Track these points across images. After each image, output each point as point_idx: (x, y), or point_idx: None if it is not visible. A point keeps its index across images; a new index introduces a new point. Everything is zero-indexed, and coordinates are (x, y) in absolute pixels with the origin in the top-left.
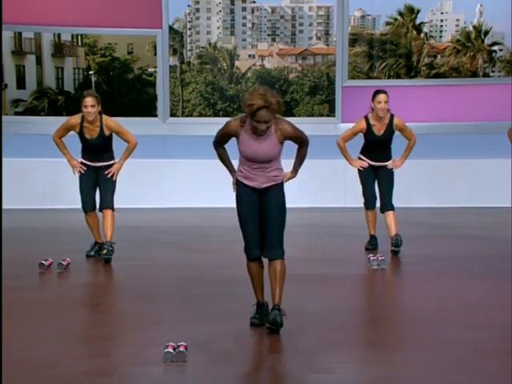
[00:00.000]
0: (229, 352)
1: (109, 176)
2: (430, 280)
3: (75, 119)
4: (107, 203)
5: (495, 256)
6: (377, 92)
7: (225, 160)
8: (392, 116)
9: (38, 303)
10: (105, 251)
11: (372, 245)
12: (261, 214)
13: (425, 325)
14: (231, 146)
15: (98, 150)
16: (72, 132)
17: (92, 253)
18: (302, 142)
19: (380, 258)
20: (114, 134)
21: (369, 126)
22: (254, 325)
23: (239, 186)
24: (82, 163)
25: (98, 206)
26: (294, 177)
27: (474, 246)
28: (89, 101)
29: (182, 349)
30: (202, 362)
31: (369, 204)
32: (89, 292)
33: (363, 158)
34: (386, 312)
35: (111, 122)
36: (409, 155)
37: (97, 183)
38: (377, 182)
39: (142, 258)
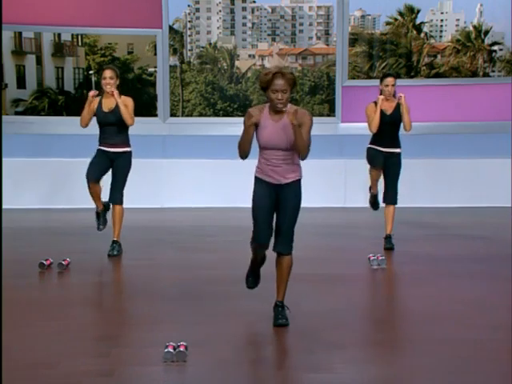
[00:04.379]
0: (229, 352)
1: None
2: (430, 280)
3: (95, 100)
4: (117, 199)
5: (495, 256)
6: (385, 75)
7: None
8: (398, 103)
9: (38, 303)
10: (113, 251)
11: (373, 201)
12: (276, 209)
13: (425, 325)
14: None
15: (114, 127)
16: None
17: (101, 227)
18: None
19: (380, 258)
20: None
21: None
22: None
23: (256, 182)
24: (98, 150)
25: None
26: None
27: (474, 245)
28: (108, 72)
29: (182, 349)
30: (202, 362)
31: (373, 162)
32: (89, 292)
33: (373, 146)
34: (386, 312)
35: (127, 98)
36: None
37: (107, 168)
38: (383, 172)
39: (141, 257)
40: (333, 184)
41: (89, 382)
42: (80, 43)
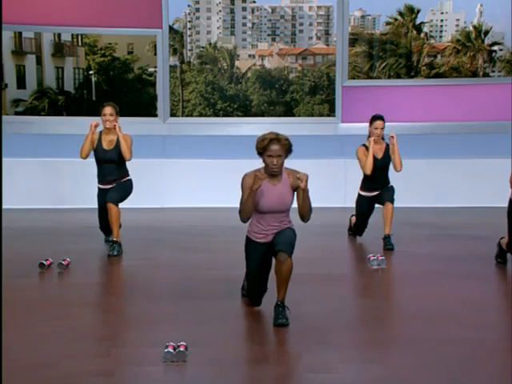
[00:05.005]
0: (229, 352)
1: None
2: (430, 280)
3: (95, 134)
4: (113, 199)
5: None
6: (374, 118)
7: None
8: (387, 144)
9: (38, 303)
10: (114, 251)
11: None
12: (269, 263)
13: (425, 325)
14: None
15: (113, 164)
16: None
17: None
18: (306, 198)
19: (380, 258)
20: None
21: (368, 150)
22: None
23: (248, 242)
24: (98, 188)
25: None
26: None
27: (474, 245)
28: (108, 109)
29: (182, 349)
30: (202, 362)
31: (358, 229)
32: (89, 292)
33: (364, 194)
34: (386, 312)
35: (127, 135)
36: (398, 153)
37: None
38: (378, 199)
39: (141, 257)
40: (333, 184)
41: (89, 382)
42: (80, 43)
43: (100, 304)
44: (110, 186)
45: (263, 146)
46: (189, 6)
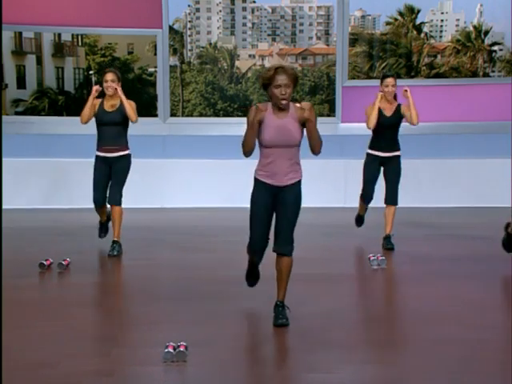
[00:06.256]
0: (229, 352)
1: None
2: (430, 280)
3: (96, 100)
4: (115, 201)
5: (495, 256)
6: (384, 76)
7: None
8: (399, 104)
9: (38, 303)
10: (114, 251)
11: (359, 223)
12: (275, 210)
13: (425, 325)
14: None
15: (114, 127)
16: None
17: (103, 235)
18: (313, 129)
19: (380, 258)
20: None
21: (378, 108)
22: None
23: (256, 185)
24: (97, 158)
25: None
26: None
27: (473, 245)
28: (109, 75)
29: (182, 349)
30: (202, 362)
31: (365, 200)
32: (89, 292)
33: (371, 152)
34: (386, 312)
35: (130, 100)
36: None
37: (110, 178)
38: (384, 175)
39: (141, 257)
40: (333, 184)
41: (89, 382)
42: (80, 43)
43: (100, 304)
44: (110, 154)
45: (269, 77)
46: (189, 5)
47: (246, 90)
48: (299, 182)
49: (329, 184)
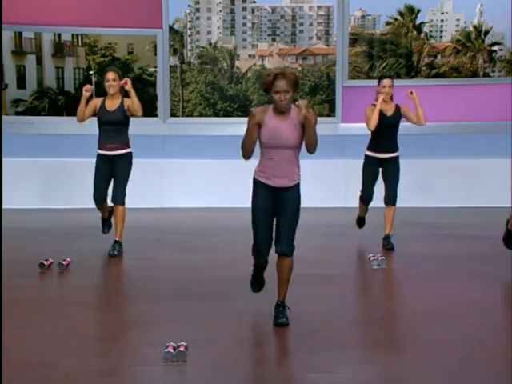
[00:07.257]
0: (229, 352)
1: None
2: (430, 280)
3: (98, 99)
4: (118, 200)
5: (495, 256)
6: (382, 76)
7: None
8: (397, 104)
9: (38, 303)
10: (114, 251)
11: (361, 225)
12: (276, 211)
13: (425, 325)
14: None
15: (116, 126)
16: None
17: (106, 231)
18: (309, 126)
19: (380, 258)
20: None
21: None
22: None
23: (256, 186)
24: (99, 156)
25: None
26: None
27: (474, 245)
28: (110, 74)
29: (182, 349)
30: (202, 362)
31: (364, 201)
32: (89, 292)
33: (370, 154)
34: (386, 312)
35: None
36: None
37: (111, 176)
38: (382, 176)
39: (141, 257)
40: (333, 184)
41: (89, 382)
42: (80, 43)
43: (100, 304)
44: (111, 152)
45: (269, 82)
46: (189, 6)
47: (246, 90)
48: (298, 184)
49: (329, 184)
